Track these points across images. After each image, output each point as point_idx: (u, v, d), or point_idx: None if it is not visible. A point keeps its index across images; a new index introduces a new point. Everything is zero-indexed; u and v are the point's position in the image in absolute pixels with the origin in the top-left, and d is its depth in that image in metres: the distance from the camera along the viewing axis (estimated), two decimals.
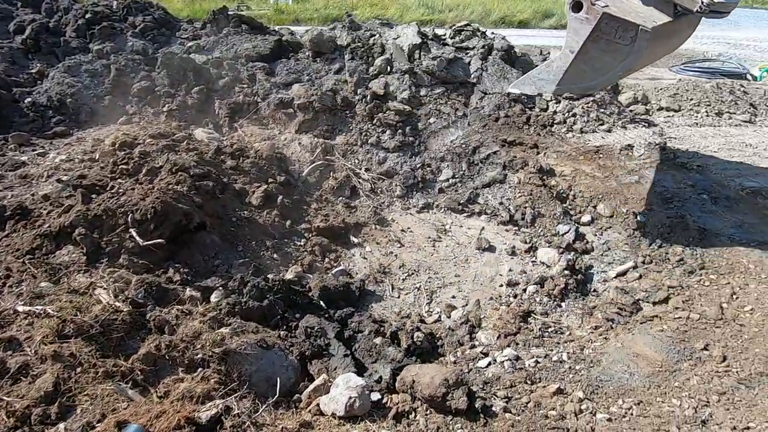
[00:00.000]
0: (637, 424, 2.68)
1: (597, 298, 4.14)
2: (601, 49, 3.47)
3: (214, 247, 3.82)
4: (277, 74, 6.95)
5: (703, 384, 2.98)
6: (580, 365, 3.29)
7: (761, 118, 7.06)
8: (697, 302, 3.72)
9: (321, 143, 6.15)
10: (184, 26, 7.90)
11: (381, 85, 6.50)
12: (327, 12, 18.27)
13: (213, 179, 4.43)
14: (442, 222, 5.31)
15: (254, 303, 3.15)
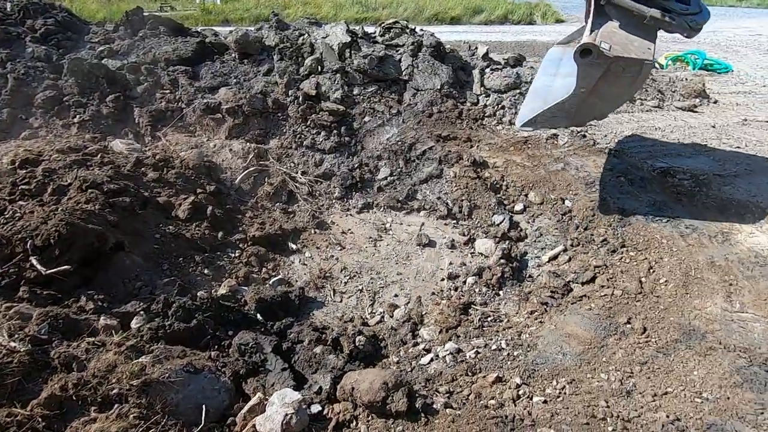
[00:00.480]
0: (570, 403, 2.79)
1: (532, 283, 4.30)
2: (610, 84, 3.67)
3: (134, 269, 3.53)
4: (202, 78, 6.60)
5: (627, 356, 3.18)
6: (518, 351, 3.39)
7: (668, 103, 7.69)
8: (619, 279, 3.96)
9: (253, 148, 5.91)
10: (94, 29, 7.28)
11: (313, 85, 6.36)
12: (258, 12, 17.67)
13: (131, 194, 4.10)
14: (382, 221, 5.29)
15: (180, 325, 2.95)
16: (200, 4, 18.67)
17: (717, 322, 3.31)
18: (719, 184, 4.94)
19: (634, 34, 3.61)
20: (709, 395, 2.77)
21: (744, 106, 7.83)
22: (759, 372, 2.89)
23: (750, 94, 8.52)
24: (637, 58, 3.45)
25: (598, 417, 2.65)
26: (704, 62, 9.93)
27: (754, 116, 7.27)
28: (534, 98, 4.55)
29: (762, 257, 3.87)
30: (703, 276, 3.76)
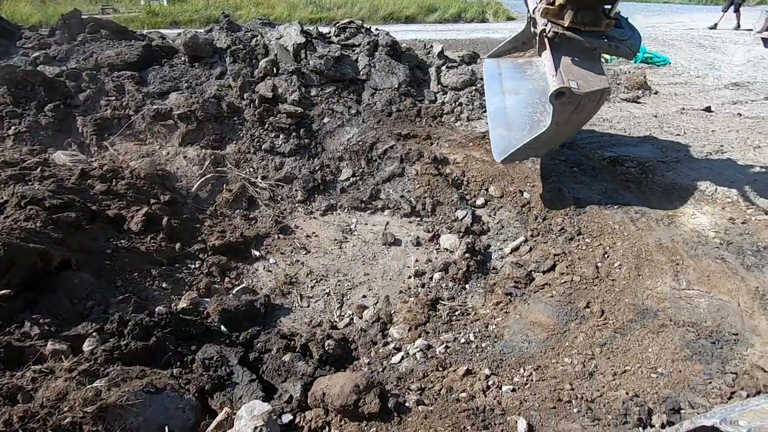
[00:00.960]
0: (537, 389, 2.88)
1: (496, 275, 4.40)
2: (578, 113, 4.14)
3: (84, 287, 3.32)
4: (150, 83, 6.31)
5: (587, 339, 3.31)
6: (486, 342, 3.46)
7: (614, 95, 8.10)
8: (577, 265, 4.12)
9: (209, 154, 5.72)
10: (27, 34, 6.79)
11: (269, 87, 6.23)
12: (208, 13, 17.11)
13: (77, 209, 3.86)
14: (346, 222, 5.25)
15: (138, 343, 2.80)
16: (145, 5, 17.84)
17: (667, 301, 3.51)
18: (663, 170, 5.24)
19: (586, 63, 4.02)
20: (663, 370, 2.93)
21: (681, 96, 8.36)
22: (705, 344, 3.09)
23: (686, 84, 9.11)
24: (599, 89, 3.89)
25: (563, 400, 2.74)
26: (644, 56, 10.52)
27: (691, 105, 7.77)
28: (497, 125, 4.79)
29: (703, 237, 4.14)
30: (653, 258, 3.98)
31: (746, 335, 3.14)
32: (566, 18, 3.91)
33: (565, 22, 3.92)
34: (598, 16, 3.94)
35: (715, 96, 8.39)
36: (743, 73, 10.03)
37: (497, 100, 5.03)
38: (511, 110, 4.77)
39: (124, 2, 19.42)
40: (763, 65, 10.75)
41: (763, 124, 6.88)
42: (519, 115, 4.58)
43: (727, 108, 7.69)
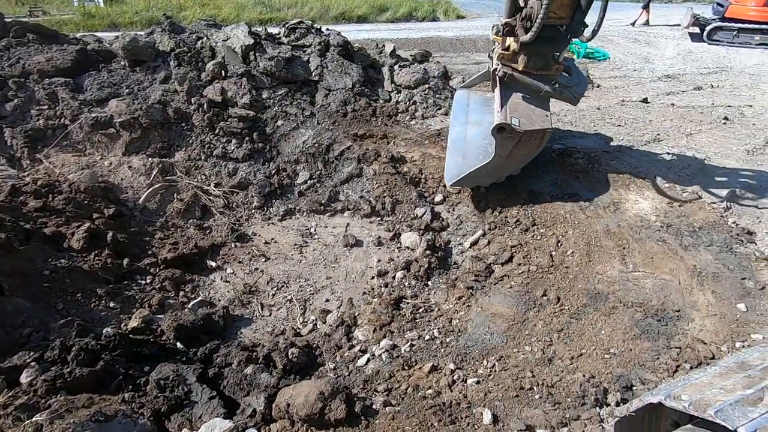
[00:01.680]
0: (500, 379, 2.95)
1: (458, 269, 4.47)
2: (521, 149, 4.47)
3: (20, 314, 3.07)
4: (87, 90, 5.92)
5: (546, 326, 3.43)
6: (450, 337, 3.51)
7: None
8: (533, 255, 4.26)
9: (157, 163, 5.45)
10: None
11: (217, 91, 6.01)
12: (150, 14, 16.31)
13: (8, 229, 3.56)
14: (306, 226, 5.16)
15: (83, 370, 2.61)
16: (79, 7, 16.75)
17: (616, 284, 3.70)
18: (607, 160, 5.52)
19: (533, 103, 4.36)
20: (616, 350, 3.08)
21: (621, 88, 8.85)
22: (652, 322, 3.28)
23: (625, 77, 9.65)
24: (540, 129, 4.21)
25: (525, 388, 2.82)
26: (586, 51, 11.05)
27: (629, 97, 8.24)
28: (454, 152, 5.10)
29: (646, 221, 4.40)
30: (602, 243, 4.18)
31: (687, 311, 3.36)
32: (520, 62, 4.23)
33: (519, 66, 4.24)
34: (549, 62, 4.23)
35: (651, 88, 8.94)
36: (674, 66, 10.77)
37: (460, 129, 5.38)
38: (470, 140, 5.12)
39: (55, 4, 18.16)
40: (691, 58, 11.59)
41: (693, 113, 7.41)
42: (476, 145, 4.94)
43: (662, 99, 8.22)
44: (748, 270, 3.72)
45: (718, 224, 4.22)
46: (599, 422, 2.50)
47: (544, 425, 2.48)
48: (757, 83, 9.30)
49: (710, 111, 7.50)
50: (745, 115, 7.28)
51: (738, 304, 3.38)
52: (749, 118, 7.14)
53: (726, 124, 6.91)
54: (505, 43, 4.24)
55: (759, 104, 7.87)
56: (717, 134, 6.54)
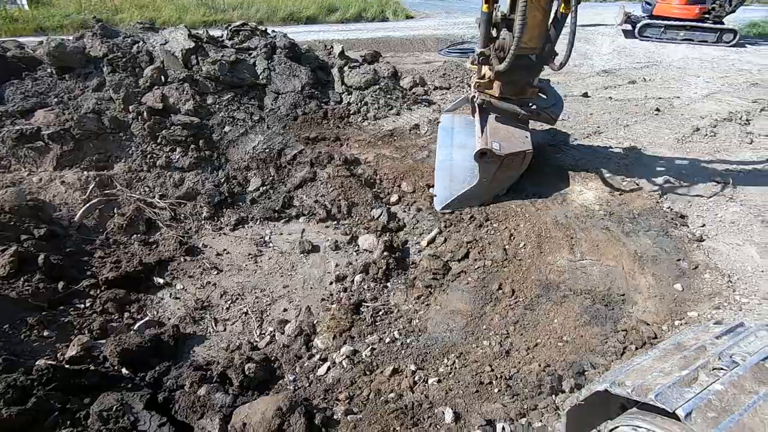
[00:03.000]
0: (460, 376, 2.98)
1: (416, 269, 4.48)
2: (504, 171, 4.62)
3: None
4: (8, 100, 5.45)
5: (502, 319, 3.51)
6: (411, 338, 3.50)
7: None
8: (488, 250, 4.35)
9: (93, 176, 5.10)
10: None
11: (157, 98, 5.71)
12: (82, 18, 15.28)
13: None
14: (260, 234, 5.00)
15: (11, 409, 2.38)
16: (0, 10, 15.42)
17: (566, 272, 3.85)
18: (552, 153, 5.74)
19: (512, 126, 4.53)
20: (568, 337, 3.20)
21: (563, 84, 9.25)
22: (600, 308, 3.43)
23: (566, 73, 10.10)
24: (520, 151, 4.41)
25: (485, 383, 2.87)
26: None
27: (571, 92, 8.64)
28: (443, 175, 5.23)
29: (591, 210, 4.61)
30: (551, 234, 4.33)
31: (631, 294, 3.54)
32: (496, 89, 4.44)
33: (496, 92, 4.43)
34: (524, 87, 4.42)
35: (590, 83, 9.42)
36: (611, 61, 11.41)
37: (446, 152, 5.53)
38: (456, 163, 5.29)
39: None
40: (625, 54, 12.32)
41: (629, 106, 7.87)
42: (462, 168, 5.09)
43: (600, 93, 8.68)
44: (682, 251, 3.98)
45: (655, 210, 4.49)
46: (555, 410, 2.58)
47: (504, 418, 2.52)
48: (684, 76, 10.03)
49: (644, 103, 8.00)
50: (674, 106, 7.82)
51: (675, 285, 3.61)
52: (678, 109, 7.68)
53: (658, 115, 7.39)
54: (481, 72, 4.45)
55: (686, 95, 8.48)
56: (650, 125, 6.97)
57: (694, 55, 12.15)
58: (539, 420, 2.52)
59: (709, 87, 9.12)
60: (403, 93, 7.30)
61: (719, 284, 3.58)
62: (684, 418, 1.29)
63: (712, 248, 4.05)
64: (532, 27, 3.74)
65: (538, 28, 3.82)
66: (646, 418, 1.45)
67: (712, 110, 7.63)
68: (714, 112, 7.55)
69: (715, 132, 6.62)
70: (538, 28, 3.83)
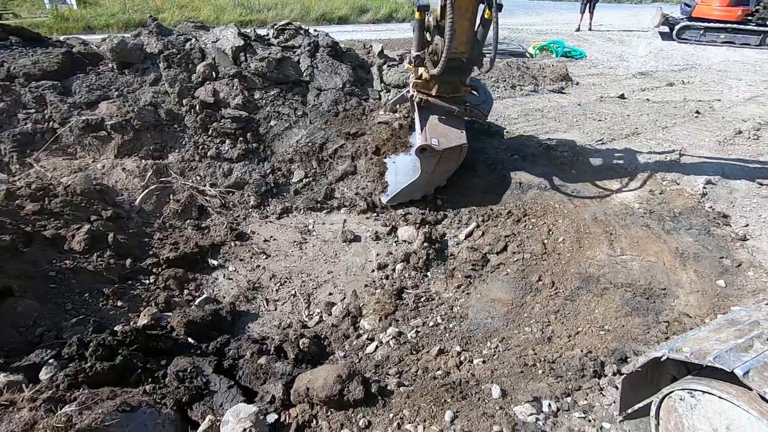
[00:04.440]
0: (504, 358, 3.12)
1: (454, 260, 4.63)
2: (443, 164, 4.91)
3: (30, 314, 3.07)
4: (75, 93, 5.86)
5: (543, 309, 3.62)
6: (453, 323, 3.66)
7: (541, 87, 8.76)
8: (527, 244, 4.46)
9: (151, 165, 5.45)
10: None
11: (209, 92, 6.03)
12: (127, 17, 16.04)
13: (9, 231, 3.54)
14: (304, 223, 5.25)
15: (103, 364, 2.66)
16: (52, 9, 16.29)
17: (606, 267, 3.93)
18: (591, 152, 5.79)
19: (449, 123, 4.83)
20: (609, 327, 3.29)
21: (599, 85, 9.22)
22: (641, 300, 3.51)
23: (601, 75, 10.05)
24: (457, 145, 4.69)
25: (529, 365, 3.00)
26: (564, 50, 11.44)
27: (607, 93, 8.61)
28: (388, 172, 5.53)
29: (630, 209, 4.66)
30: (590, 230, 4.41)
31: (672, 289, 3.60)
32: (433, 89, 4.71)
33: (432, 92, 4.73)
34: (458, 86, 4.76)
35: (626, 84, 9.34)
36: (647, 64, 11.25)
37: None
38: (400, 160, 5.54)
39: (25, 6, 17.63)
40: (662, 56, 12.12)
41: (668, 108, 7.80)
42: (406, 163, 5.37)
43: (637, 94, 8.61)
44: (725, 250, 4.00)
45: (696, 209, 4.51)
46: (599, 391, 2.69)
47: (550, 396, 2.65)
48: (724, 79, 9.83)
49: (683, 105, 7.91)
50: (715, 109, 7.71)
51: (718, 281, 3.65)
52: (718, 112, 7.57)
53: (698, 118, 7.30)
54: (418, 72, 4.74)
55: (727, 98, 8.33)
56: (690, 127, 6.91)
57: (735, 58, 11.85)
58: (584, 399, 2.64)
59: (752, 90, 8.92)
60: None
61: (764, 281, 3.60)
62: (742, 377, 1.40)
63: (756, 247, 4.05)
64: (460, 34, 4.04)
65: (465, 35, 4.13)
66: (701, 382, 1.57)
67: (754, 113, 7.48)
68: (757, 115, 7.41)
69: (758, 135, 6.52)
70: (466, 34, 4.13)
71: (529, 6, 22.72)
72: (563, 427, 2.42)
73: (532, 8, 21.75)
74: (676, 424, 1.66)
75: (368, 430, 2.45)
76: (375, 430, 2.43)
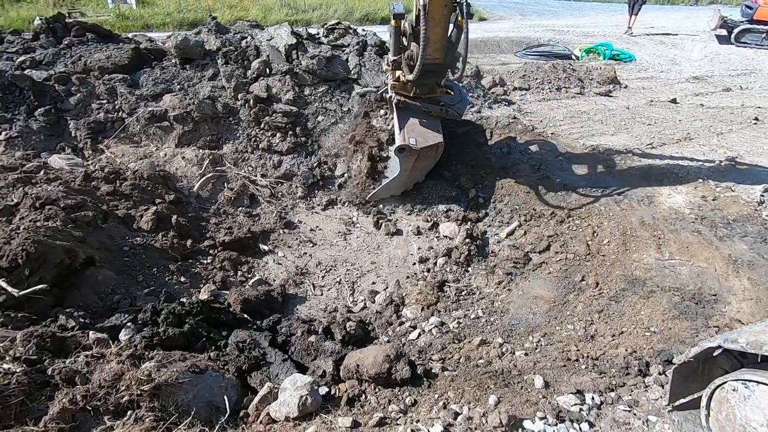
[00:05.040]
0: (546, 352, 3.17)
1: (495, 257, 4.69)
2: (421, 161, 5.12)
3: (109, 283, 3.40)
4: (142, 86, 6.32)
5: (586, 308, 3.64)
6: (494, 317, 3.74)
7: (588, 89, 8.60)
8: (570, 244, 4.46)
9: (208, 154, 5.80)
10: (9, 38, 6.66)
11: (263, 88, 6.35)
12: (181, 16, 16.85)
13: (90, 208, 3.91)
14: (348, 215, 5.45)
15: (174, 330, 2.92)
16: (114, 8, 17.37)
17: (653, 270, 3.88)
18: (639, 156, 5.68)
19: (425, 123, 5.02)
20: (656, 329, 3.28)
21: (649, 89, 8.95)
22: (690, 305, 3.46)
23: (652, 79, 9.74)
24: (434, 143, 4.89)
25: (572, 359, 3.04)
26: (612, 53, 11.15)
27: (658, 97, 8.35)
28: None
29: (680, 213, 4.56)
30: (637, 234, 4.36)
31: (724, 295, 3.53)
32: (410, 90, 4.91)
33: (410, 93, 4.92)
34: (434, 87, 4.96)
35: (679, 89, 9.02)
36: (702, 68, 10.79)
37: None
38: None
39: (91, 6, 18.88)
40: (718, 60, 11.58)
41: (723, 114, 7.49)
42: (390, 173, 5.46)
43: (691, 99, 8.31)
44: None
45: (752, 217, 4.36)
46: (644, 388, 2.71)
47: (593, 389, 2.69)
48: None
49: (740, 111, 7.57)
50: None
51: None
52: None
53: (756, 125, 6.98)
54: (395, 75, 4.94)
55: None
56: (748, 134, 6.63)
57: None
58: (628, 395, 2.67)
59: None
60: (484, 92, 7.48)
61: None
62: None
63: None
64: (434, 41, 4.23)
65: (439, 42, 4.31)
66: (756, 373, 1.60)
67: None
68: None
69: None
70: (440, 41, 4.32)
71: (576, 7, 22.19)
72: (607, 418, 2.46)
73: (578, 9, 21.23)
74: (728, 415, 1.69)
75: (415, 407, 2.58)
76: (421, 407, 2.56)
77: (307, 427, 2.42)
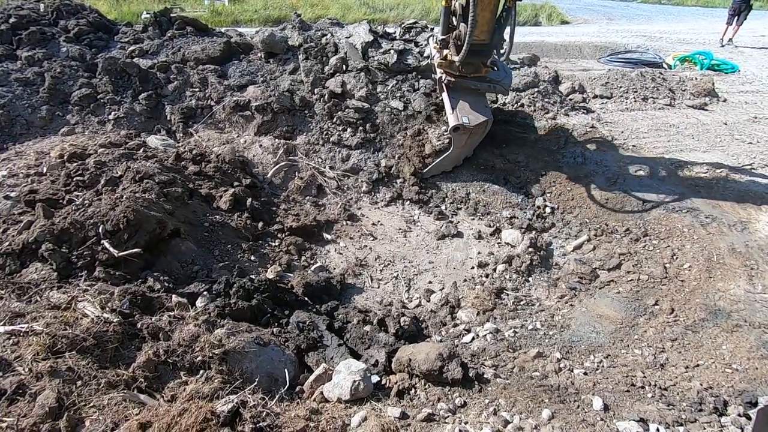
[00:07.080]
0: (608, 374, 3.00)
1: (559, 270, 4.51)
2: (471, 138, 5.43)
3: (190, 254, 3.74)
4: (230, 77, 6.81)
5: (657, 334, 3.39)
6: (553, 330, 3.60)
7: (679, 101, 7.91)
8: (644, 265, 4.17)
9: (282, 144, 6.13)
10: (123, 29, 7.48)
11: (338, 83, 6.58)
12: (267, 13, 17.89)
13: (180, 185, 4.31)
14: (410, 213, 5.50)
15: (243, 303, 3.16)
16: (209, 5, 18.84)
17: (741, 303, 3.53)
18: (735, 177, 5.15)
19: (474, 101, 5.26)
20: (739, 366, 2.98)
21: (753, 104, 8.05)
22: None
23: (758, 93, 8.75)
24: (484, 120, 5.14)
25: (637, 385, 2.86)
26: (711, 63, 10.15)
27: (763, 114, 7.49)
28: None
29: None
30: (725, 262, 3.97)
31: None
32: (456, 69, 5.08)
33: (456, 72, 5.11)
34: (479, 66, 5.14)
35: None
36: None
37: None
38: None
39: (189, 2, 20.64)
40: None
41: None
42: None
43: None
44: None
45: None
46: (719, 427, 2.48)
47: (659, 421, 2.51)
48: None
49: None
50: None
51: None
52: None
53: None
54: (443, 54, 5.13)
55: None
56: None
57: None
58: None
59: None
60: (560, 98, 7.18)
61: None
62: None
63: None
64: (482, 24, 4.43)
65: (487, 24, 4.50)
66: None
67: None
68: None
69: None
70: (488, 24, 4.51)
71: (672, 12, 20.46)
72: None
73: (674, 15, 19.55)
74: None
75: (464, 409, 2.57)
76: (470, 410, 2.54)
77: (357, 410, 2.51)
